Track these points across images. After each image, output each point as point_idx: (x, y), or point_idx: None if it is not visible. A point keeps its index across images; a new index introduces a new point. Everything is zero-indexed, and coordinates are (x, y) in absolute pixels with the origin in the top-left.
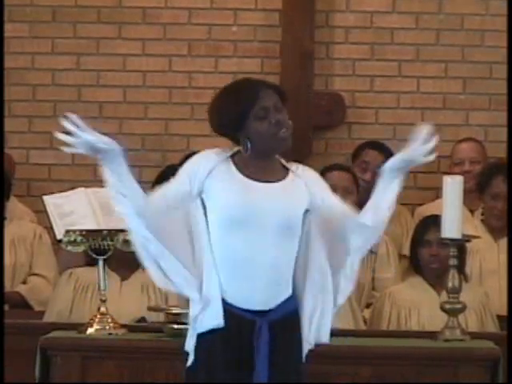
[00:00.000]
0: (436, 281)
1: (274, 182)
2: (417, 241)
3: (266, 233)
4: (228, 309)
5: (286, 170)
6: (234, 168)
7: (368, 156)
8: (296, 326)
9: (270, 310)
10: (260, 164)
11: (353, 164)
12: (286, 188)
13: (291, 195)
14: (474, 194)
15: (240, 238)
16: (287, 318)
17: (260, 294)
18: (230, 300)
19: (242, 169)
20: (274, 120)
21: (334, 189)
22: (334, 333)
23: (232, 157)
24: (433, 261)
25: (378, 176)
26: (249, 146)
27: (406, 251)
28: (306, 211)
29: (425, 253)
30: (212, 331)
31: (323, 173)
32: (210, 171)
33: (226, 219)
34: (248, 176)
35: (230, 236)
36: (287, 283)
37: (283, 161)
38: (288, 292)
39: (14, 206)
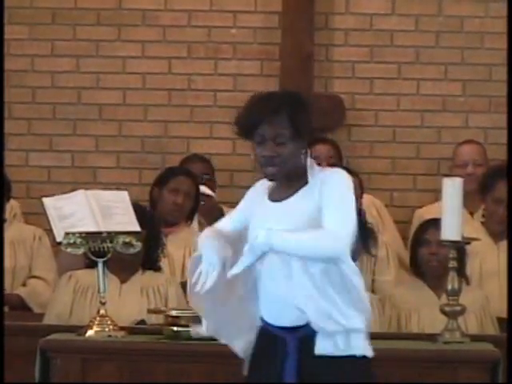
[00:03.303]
0: (436, 283)
1: (288, 196)
2: (416, 241)
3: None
4: (264, 327)
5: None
6: (265, 192)
7: (315, 152)
8: None
9: (303, 326)
10: (278, 183)
11: None
12: (296, 203)
13: (302, 210)
14: (474, 196)
15: (264, 260)
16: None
17: (289, 313)
18: (265, 318)
19: (271, 192)
20: (262, 155)
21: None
22: None
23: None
24: (432, 259)
25: (333, 165)
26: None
27: None
28: None
29: (424, 252)
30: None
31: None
32: (252, 201)
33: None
34: (272, 198)
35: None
36: None
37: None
38: None
39: None
